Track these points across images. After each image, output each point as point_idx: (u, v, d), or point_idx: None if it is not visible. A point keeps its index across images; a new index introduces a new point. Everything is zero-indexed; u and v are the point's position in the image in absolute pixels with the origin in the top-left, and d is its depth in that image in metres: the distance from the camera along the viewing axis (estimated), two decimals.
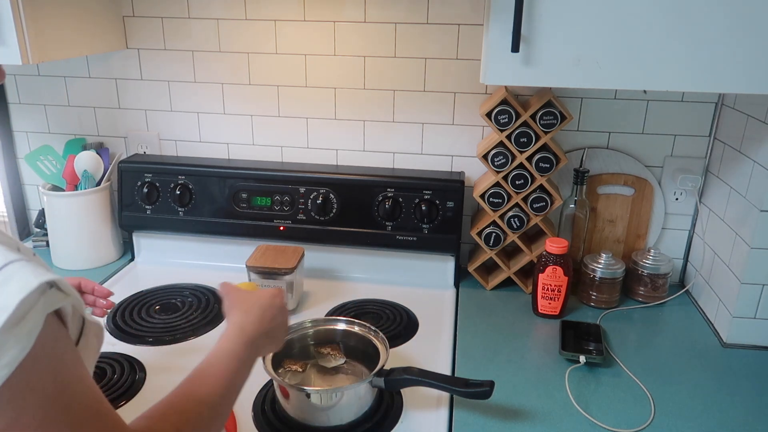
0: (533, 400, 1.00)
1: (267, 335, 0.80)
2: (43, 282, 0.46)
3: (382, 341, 1.00)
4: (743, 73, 0.92)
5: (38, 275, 0.46)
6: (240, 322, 0.78)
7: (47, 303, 0.47)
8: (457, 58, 1.34)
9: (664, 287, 1.34)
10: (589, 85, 0.96)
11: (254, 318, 0.79)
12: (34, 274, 0.46)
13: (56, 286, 0.48)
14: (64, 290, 0.50)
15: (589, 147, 1.36)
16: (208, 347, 0.73)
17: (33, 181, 1.59)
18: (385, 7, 1.32)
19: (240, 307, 0.81)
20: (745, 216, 1.14)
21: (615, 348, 1.16)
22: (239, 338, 0.75)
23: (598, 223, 1.39)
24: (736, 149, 1.21)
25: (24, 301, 0.44)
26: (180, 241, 1.47)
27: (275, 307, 0.84)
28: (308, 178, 1.37)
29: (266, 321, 0.80)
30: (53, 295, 0.48)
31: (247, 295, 0.85)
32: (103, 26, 1.36)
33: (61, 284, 0.49)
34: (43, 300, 0.46)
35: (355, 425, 0.92)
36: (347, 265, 1.43)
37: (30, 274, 0.46)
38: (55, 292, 0.48)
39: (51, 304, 0.47)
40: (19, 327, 0.44)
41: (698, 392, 1.03)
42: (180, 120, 1.49)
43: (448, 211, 1.33)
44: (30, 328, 0.45)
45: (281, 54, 1.39)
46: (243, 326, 0.77)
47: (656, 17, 0.91)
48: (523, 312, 1.29)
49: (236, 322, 0.78)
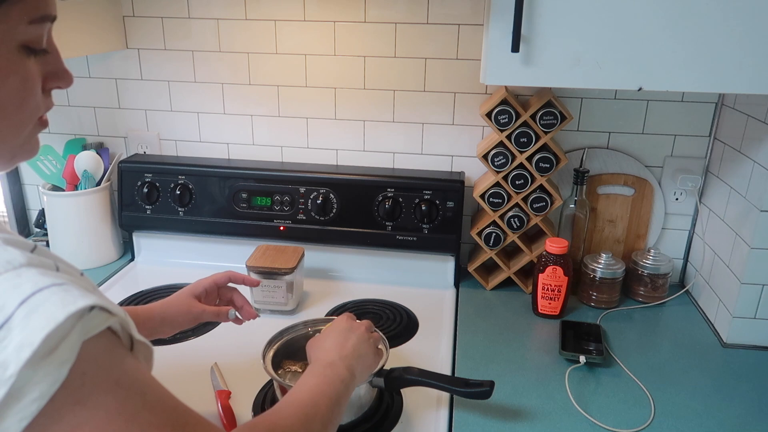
0: (533, 400, 1.00)
1: (351, 356, 0.81)
2: (73, 312, 0.43)
3: (382, 341, 0.99)
4: (743, 73, 0.92)
5: (67, 304, 0.43)
6: (317, 356, 0.80)
7: (85, 328, 0.44)
8: (457, 58, 1.34)
9: (664, 287, 1.34)
10: (588, 85, 0.96)
11: (331, 347, 0.82)
12: (63, 303, 0.43)
13: (98, 308, 0.46)
14: (108, 310, 0.47)
15: (589, 147, 1.36)
16: (208, 347, 0.73)
17: (33, 181, 1.59)
18: (385, 7, 1.32)
19: (315, 347, 0.84)
20: (745, 216, 1.14)
21: (615, 348, 1.16)
22: (317, 365, 0.77)
23: (598, 223, 1.39)
24: (736, 149, 1.21)
25: (50, 336, 0.41)
26: (180, 241, 1.47)
27: (347, 330, 0.86)
28: (308, 178, 1.37)
29: (344, 345, 0.83)
30: (94, 318, 0.45)
31: (319, 336, 0.88)
32: (103, 26, 1.36)
33: (103, 305, 0.46)
34: (80, 325, 0.44)
35: (355, 425, 0.92)
36: (347, 265, 1.43)
37: (58, 304, 0.43)
38: (97, 313, 0.46)
39: (90, 329, 0.45)
40: (50, 359, 0.42)
41: (698, 392, 1.03)
42: (180, 120, 1.49)
43: (448, 211, 1.33)
44: (63, 359, 0.42)
45: (281, 54, 1.39)
46: (320, 357, 0.80)
47: (656, 17, 0.91)
48: (523, 312, 1.29)
49: (314, 358, 0.81)
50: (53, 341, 0.42)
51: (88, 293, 0.46)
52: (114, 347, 0.48)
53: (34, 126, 0.55)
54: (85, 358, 0.44)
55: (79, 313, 0.43)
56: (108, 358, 0.46)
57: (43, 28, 0.52)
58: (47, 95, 0.55)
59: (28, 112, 0.53)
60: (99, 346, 0.46)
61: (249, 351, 1.06)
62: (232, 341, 1.14)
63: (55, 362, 0.42)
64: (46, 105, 0.55)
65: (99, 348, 0.45)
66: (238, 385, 1.01)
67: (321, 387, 0.72)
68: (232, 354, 1.10)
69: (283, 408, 0.66)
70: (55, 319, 0.42)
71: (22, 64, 0.50)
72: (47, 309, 0.42)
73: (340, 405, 0.72)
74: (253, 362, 0.96)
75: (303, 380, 0.74)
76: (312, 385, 0.72)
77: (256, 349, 0.96)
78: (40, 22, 0.51)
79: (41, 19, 0.51)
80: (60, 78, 0.56)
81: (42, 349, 0.41)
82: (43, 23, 0.51)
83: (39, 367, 0.41)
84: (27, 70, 0.51)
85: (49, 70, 0.54)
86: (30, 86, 0.52)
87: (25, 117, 0.52)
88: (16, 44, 0.49)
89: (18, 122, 0.52)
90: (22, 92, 0.51)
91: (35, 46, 0.51)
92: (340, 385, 0.74)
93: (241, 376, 1.03)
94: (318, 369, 0.77)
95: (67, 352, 0.43)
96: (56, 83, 0.56)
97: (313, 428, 0.65)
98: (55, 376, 0.42)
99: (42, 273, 0.45)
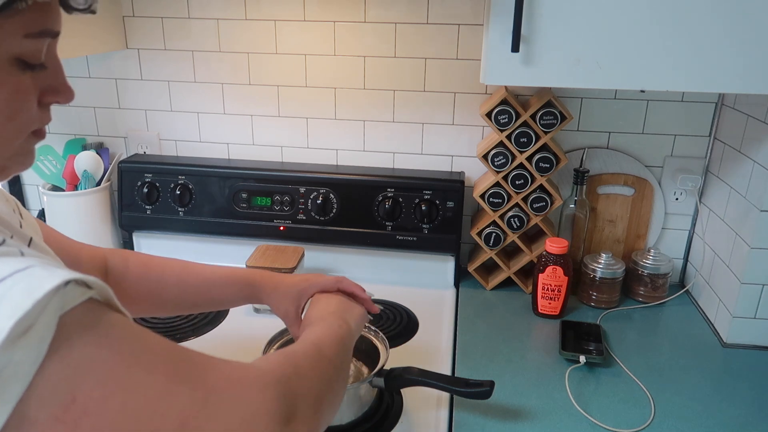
0: (533, 400, 1.00)
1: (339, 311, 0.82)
2: (40, 298, 0.41)
3: (382, 341, 0.99)
4: (743, 73, 0.92)
5: (32, 290, 0.41)
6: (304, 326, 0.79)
7: (61, 303, 0.43)
8: (457, 58, 1.34)
9: (664, 287, 1.34)
10: (589, 85, 0.96)
11: (314, 314, 0.82)
12: (28, 290, 0.41)
13: (74, 282, 0.44)
14: (86, 283, 0.45)
15: (589, 147, 1.36)
16: (209, 347, 0.73)
17: (33, 181, 1.59)
18: (385, 7, 1.32)
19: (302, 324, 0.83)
20: (745, 216, 1.14)
21: (615, 348, 1.16)
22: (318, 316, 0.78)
23: (598, 223, 1.39)
24: (736, 149, 1.21)
25: (21, 321, 0.40)
26: (180, 241, 1.47)
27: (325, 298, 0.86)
28: (308, 178, 1.37)
29: (326, 307, 0.83)
30: (70, 292, 0.43)
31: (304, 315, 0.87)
32: (103, 26, 1.36)
33: (80, 278, 0.45)
34: (56, 300, 0.42)
35: (355, 425, 0.92)
36: (347, 265, 1.43)
37: (24, 291, 0.41)
38: (74, 287, 0.44)
39: (67, 303, 0.43)
40: (26, 338, 0.40)
41: (698, 392, 1.03)
42: (180, 120, 1.49)
43: (448, 211, 1.33)
44: (41, 336, 0.41)
45: (281, 54, 1.39)
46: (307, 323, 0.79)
47: (656, 17, 0.91)
48: (523, 312, 1.29)
49: (310, 315, 0.81)
50: (27, 322, 0.41)
51: (57, 269, 0.44)
52: (97, 308, 0.46)
53: (28, 138, 0.53)
54: (66, 325, 0.42)
55: (50, 294, 0.42)
56: (92, 317, 0.45)
57: (41, 43, 0.50)
58: (45, 109, 0.53)
59: (20, 126, 0.51)
60: (80, 312, 0.44)
61: (249, 351, 1.05)
62: (232, 341, 1.14)
63: (33, 341, 0.41)
64: (42, 119, 0.53)
65: (80, 314, 0.44)
66: None
67: (326, 330, 0.72)
68: (232, 354, 1.09)
69: (293, 348, 0.65)
70: (21, 307, 0.40)
71: (14, 78, 0.49)
72: (12, 297, 0.41)
73: (345, 349, 0.72)
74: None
75: (306, 329, 0.74)
76: (317, 330, 0.72)
77: (256, 349, 0.96)
78: (37, 36, 0.49)
79: (39, 33, 0.49)
80: (59, 93, 0.54)
81: (14, 334, 0.40)
82: (41, 38, 0.49)
83: (15, 348, 0.40)
84: (19, 83, 0.49)
85: (48, 84, 0.52)
86: (21, 100, 0.50)
87: (16, 130, 0.51)
88: (9, 57, 0.48)
89: (8, 135, 0.50)
90: (13, 105, 0.49)
91: (31, 60, 0.49)
92: (339, 329, 0.74)
93: None
94: (319, 319, 0.77)
95: (43, 329, 0.41)
96: (54, 98, 0.54)
97: (322, 368, 0.64)
98: (34, 354, 0.41)
99: (2, 262, 0.44)
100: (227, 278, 0.92)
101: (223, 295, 0.93)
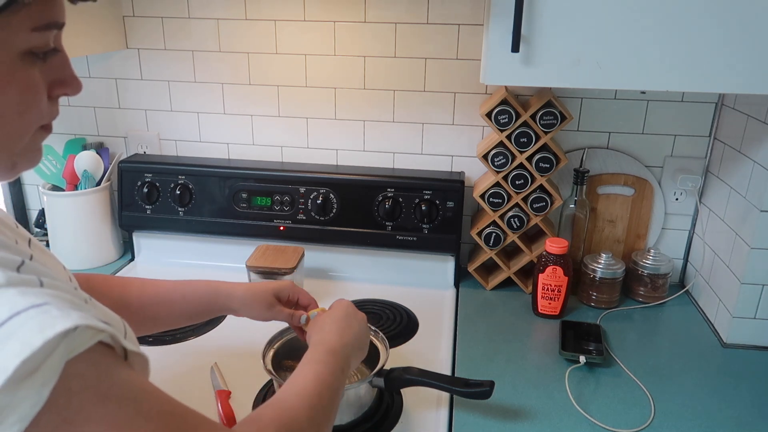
0: (533, 400, 1.00)
1: (352, 345, 0.81)
2: (50, 338, 0.41)
3: (382, 341, 0.99)
4: (743, 73, 0.92)
5: (44, 329, 0.41)
6: (320, 340, 0.79)
7: (69, 347, 0.43)
8: (457, 58, 1.34)
9: (664, 287, 1.34)
10: (589, 85, 0.96)
11: (333, 332, 0.81)
12: (40, 328, 0.42)
13: (83, 327, 0.44)
14: (95, 327, 0.45)
15: (589, 147, 1.36)
16: (209, 347, 0.73)
17: (33, 181, 1.59)
18: (385, 7, 1.32)
19: (316, 329, 0.83)
20: (745, 216, 1.14)
21: (615, 348, 1.16)
22: (321, 351, 0.76)
23: (598, 223, 1.39)
24: (736, 149, 1.21)
25: (27, 361, 0.40)
26: (180, 241, 1.47)
27: (350, 316, 0.86)
28: (308, 178, 1.37)
29: (346, 332, 0.82)
30: (79, 337, 0.44)
31: (320, 318, 0.87)
32: (103, 26, 1.36)
33: (89, 323, 0.45)
34: (64, 344, 0.42)
35: (355, 425, 0.92)
36: (347, 265, 1.43)
37: (35, 329, 0.41)
38: (83, 331, 0.44)
39: (75, 348, 0.44)
40: (29, 381, 0.41)
41: (698, 392, 1.03)
42: (180, 120, 1.49)
43: (448, 211, 1.33)
44: (44, 380, 0.41)
45: (281, 54, 1.39)
46: (323, 341, 0.78)
47: (656, 18, 0.91)
48: (523, 312, 1.29)
49: (316, 342, 0.79)
50: (34, 363, 0.41)
51: (72, 311, 0.44)
52: (102, 360, 0.46)
53: (36, 133, 0.53)
54: (70, 376, 0.43)
55: (59, 336, 0.42)
56: (95, 372, 0.45)
57: (48, 35, 0.50)
58: (53, 102, 0.54)
59: (30, 120, 0.51)
60: (85, 362, 0.44)
61: (249, 351, 1.05)
62: (232, 341, 1.14)
63: (36, 384, 0.41)
64: (51, 113, 0.54)
65: (85, 364, 0.44)
66: (238, 385, 1.01)
67: (323, 376, 0.71)
68: (232, 354, 1.10)
69: (287, 397, 0.64)
70: (30, 345, 0.41)
71: (24, 72, 0.49)
72: (24, 334, 0.41)
73: (339, 396, 0.72)
74: (253, 362, 0.96)
75: (305, 365, 0.73)
76: (315, 373, 0.71)
77: (256, 349, 0.96)
78: (44, 29, 0.49)
79: (46, 26, 0.49)
80: (67, 85, 0.54)
81: (19, 374, 0.40)
82: (48, 30, 0.50)
83: (18, 389, 0.40)
84: (29, 77, 0.49)
85: (55, 77, 0.53)
86: (32, 94, 0.50)
87: (26, 125, 0.51)
88: (18, 52, 0.48)
89: (19, 130, 0.51)
90: (24, 100, 0.50)
91: (40, 50, 0.50)
92: (341, 375, 0.74)
93: (241, 376, 1.03)
94: (320, 355, 0.75)
95: (49, 372, 0.42)
96: (63, 90, 0.54)
97: (317, 419, 0.64)
98: (35, 398, 0.41)
99: (21, 293, 0.44)
100: (186, 288, 0.92)
101: (185, 305, 0.91)
